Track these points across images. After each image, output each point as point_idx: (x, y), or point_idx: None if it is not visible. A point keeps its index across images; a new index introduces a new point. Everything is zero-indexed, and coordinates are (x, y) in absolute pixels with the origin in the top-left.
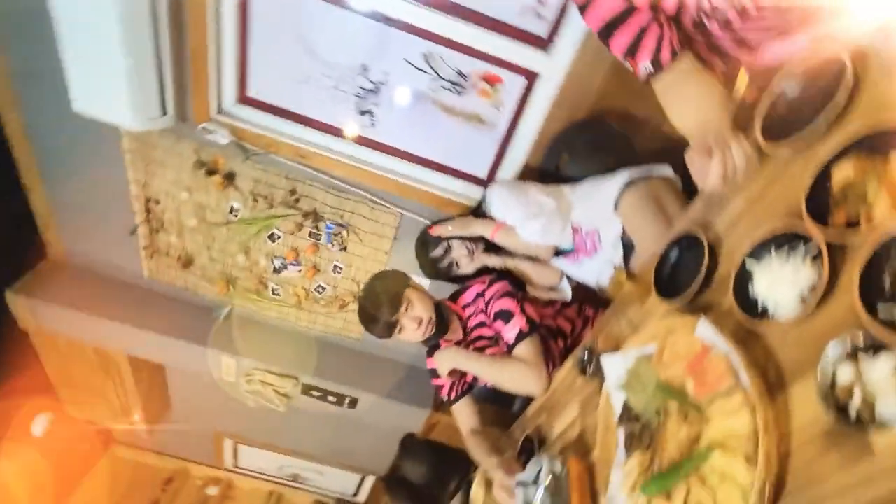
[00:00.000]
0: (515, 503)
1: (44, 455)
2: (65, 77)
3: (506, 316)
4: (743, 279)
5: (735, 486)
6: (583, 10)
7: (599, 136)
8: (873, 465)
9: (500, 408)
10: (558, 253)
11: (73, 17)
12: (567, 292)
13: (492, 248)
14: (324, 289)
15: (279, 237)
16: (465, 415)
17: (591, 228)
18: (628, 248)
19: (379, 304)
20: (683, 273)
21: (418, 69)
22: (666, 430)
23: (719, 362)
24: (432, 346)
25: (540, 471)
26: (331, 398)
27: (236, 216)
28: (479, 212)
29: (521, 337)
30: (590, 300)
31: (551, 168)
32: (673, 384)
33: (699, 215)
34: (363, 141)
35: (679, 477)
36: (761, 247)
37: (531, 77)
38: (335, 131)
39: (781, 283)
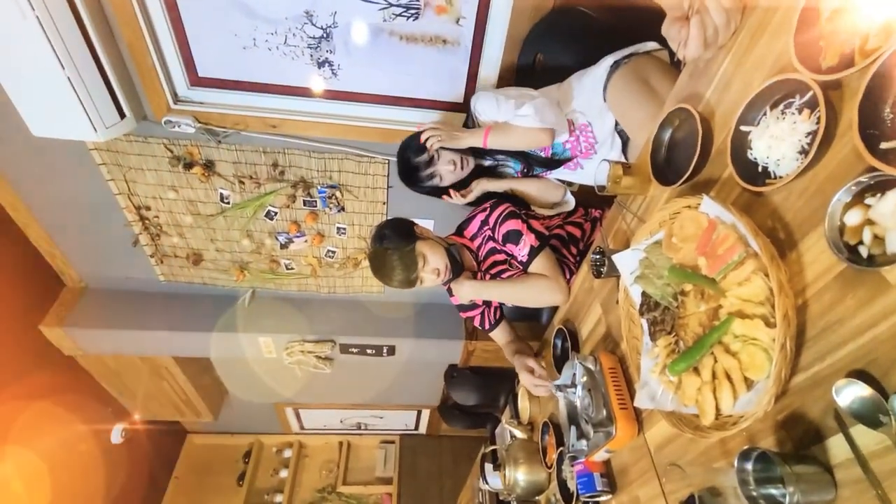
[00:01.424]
0: (559, 405)
1: (129, 459)
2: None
3: (514, 236)
4: (740, 146)
5: (758, 348)
6: None
7: (572, 26)
8: (889, 298)
9: (530, 322)
10: (556, 164)
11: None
12: (571, 202)
13: (483, 172)
14: (334, 252)
15: (276, 213)
16: (502, 336)
17: (584, 122)
18: (626, 139)
19: (393, 268)
20: (679, 153)
21: (364, 0)
22: (686, 310)
23: (727, 234)
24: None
25: (575, 373)
26: (369, 351)
27: (228, 203)
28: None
29: (533, 253)
30: (594, 202)
31: (528, 73)
32: (686, 266)
33: (687, 89)
34: (330, 94)
35: (704, 350)
36: (755, 108)
37: None
38: (299, 91)
39: (780, 141)
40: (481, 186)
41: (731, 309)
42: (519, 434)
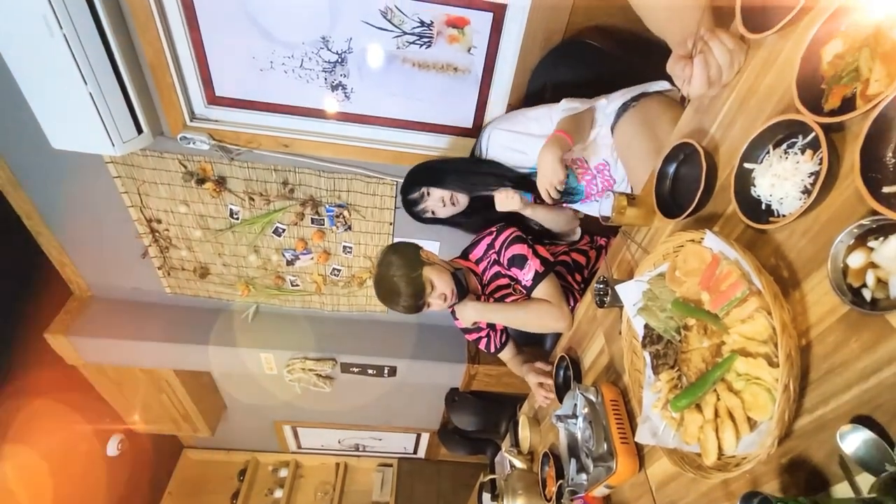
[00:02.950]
0: (559, 436)
1: (123, 472)
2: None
3: (520, 260)
4: (744, 183)
5: (761, 388)
6: None
7: (581, 57)
8: (893, 343)
9: (533, 348)
10: (570, 194)
11: (25, 62)
12: (578, 233)
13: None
14: (339, 271)
15: (284, 230)
16: (508, 353)
17: (600, 163)
18: None
19: (400, 294)
20: (684, 187)
21: (379, 28)
22: (689, 345)
23: (730, 270)
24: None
25: (576, 404)
26: (370, 371)
27: (237, 219)
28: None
29: (537, 278)
30: (600, 230)
31: (537, 102)
32: (689, 300)
33: (692, 124)
34: (342, 116)
35: (706, 388)
36: (758, 146)
37: (498, 10)
38: (312, 113)
39: (783, 180)
40: (514, 204)
41: (734, 346)
42: (518, 464)
